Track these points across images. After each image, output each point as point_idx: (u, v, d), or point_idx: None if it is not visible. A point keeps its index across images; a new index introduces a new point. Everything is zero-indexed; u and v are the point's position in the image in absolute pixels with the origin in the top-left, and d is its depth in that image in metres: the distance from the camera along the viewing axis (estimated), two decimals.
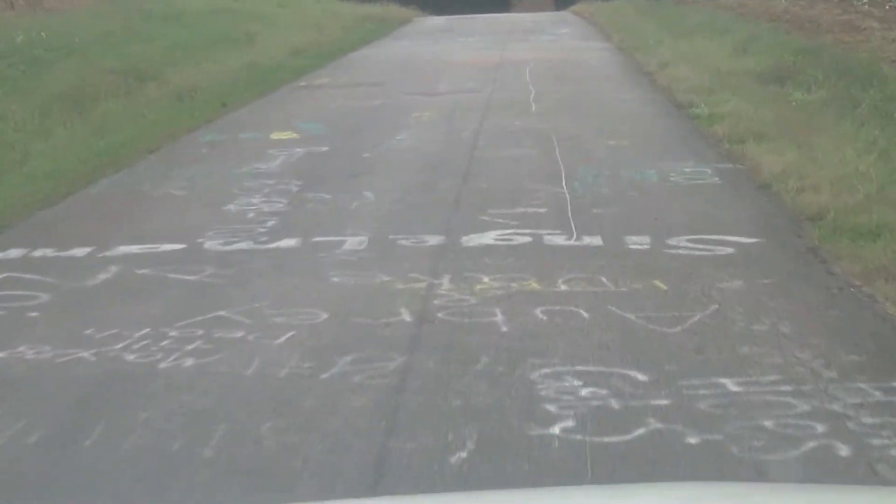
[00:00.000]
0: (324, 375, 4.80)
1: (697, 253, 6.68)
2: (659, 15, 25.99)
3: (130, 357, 5.10)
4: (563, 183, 8.66)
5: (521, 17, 29.85)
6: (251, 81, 16.46)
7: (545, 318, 5.49)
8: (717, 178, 8.79)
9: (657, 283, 6.05)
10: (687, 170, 9.08)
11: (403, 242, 7.01)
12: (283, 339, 5.27)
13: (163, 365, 4.99)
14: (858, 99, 11.58)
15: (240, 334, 5.35)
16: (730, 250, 6.71)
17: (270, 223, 7.62)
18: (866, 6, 22.47)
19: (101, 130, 11.87)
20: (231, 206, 8.16)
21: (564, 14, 31.31)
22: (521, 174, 9.03)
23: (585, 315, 5.52)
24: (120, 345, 5.25)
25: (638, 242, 6.89)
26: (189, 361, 5.02)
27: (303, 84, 15.95)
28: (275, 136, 11.31)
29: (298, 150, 10.43)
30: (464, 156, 9.84)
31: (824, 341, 5.08)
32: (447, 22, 29.21)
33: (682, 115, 11.97)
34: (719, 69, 14.86)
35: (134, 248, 7.01)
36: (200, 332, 5.39)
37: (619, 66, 16.96)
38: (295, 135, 11.34)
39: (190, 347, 5.19)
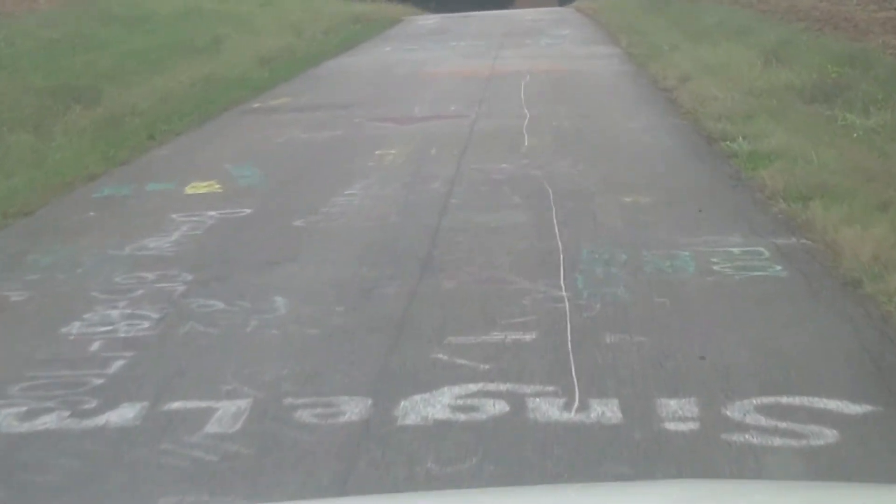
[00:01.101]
0: None
1: (778, 443, 4.00)
2: (669, 13, 23.22)
3: None
4: (562, 276, 5.97)
5: (520, 16, 27.07)
6: (200, 101, 13.78)
7: None
8: (779, 267, 6.08)
9: None
10: (735, 250, 6.38)
11: (304, 416, 4.33)
12: None
13: None
14: None
15: None
16: (830, 437, 4.03)
17: (115, 366, 4.94)
18: None
19: None
20: (73, 328, 5.47)
21: (566, 12, 28.53)
22: (502, 260, 6.34)
23: None
24: None
25: (679, 416, 4.20)
26: None
27: (256, 105, 13.26)
28: (191, 188, 8.63)
29: (212, 213, 7.74)
30: (428, 226, 7.14)
31: None
32: (439, 22, 26.45)
33: (715, 154, 9.25)
34: (752, 85, 12.14)
35: None
36: None
37: (629, 79, 14.23)
38: (217, 186, 8.65)
39: None
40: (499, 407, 4.34)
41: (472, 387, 4.53)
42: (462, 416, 4.27)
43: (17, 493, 3.89)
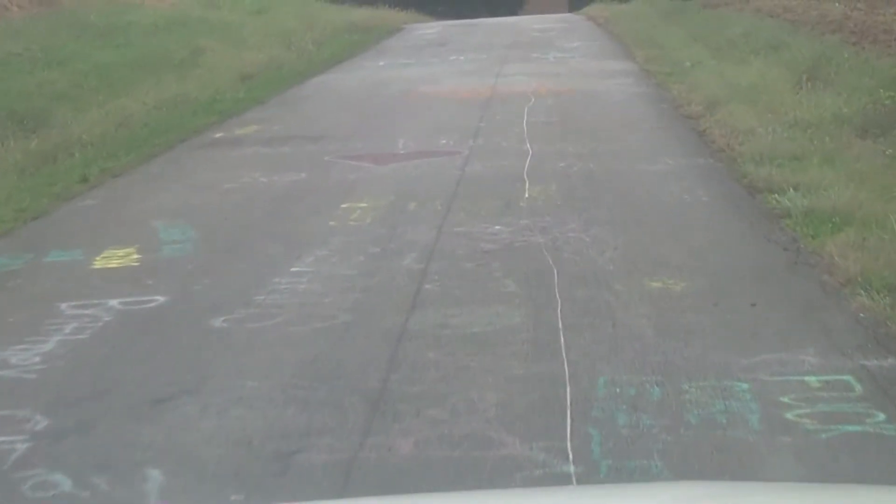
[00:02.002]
0: None
1: None
2: (687, 23, 21.28)
3: None
4: (568, 432, 4.08)
5: (528, 25, 25.07)
6: (157, 129, 11.92)
7: None
8: (881, 416, 4.17)
9: None
10: (812, 380, 4.48)
11: None
12: None
13: None
14: None
15: None
16: None
17: None
18: None
19: None
20: None
21: (577, 20, 26.54)
22: (485, 400, 4.42)
23: None
24: None
25: None
26: None
27: (218, 136, 11.36)
28: (102, 260, 6.74)
29: (114, 303, 5.84)
30: (389, 332, 5.23)
31: None
32: (441, 32, 24.49)
33: (760, 211, 7.32)
34: (793, 114, 10.21)
35: None
36: None
37: (648, 103, 12.28)
38: (136, 256, 6.76)
39: None
40: None
41: None
42: None
43: None
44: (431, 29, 25.58)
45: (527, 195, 7.92)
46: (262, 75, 17.31)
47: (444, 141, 10.23)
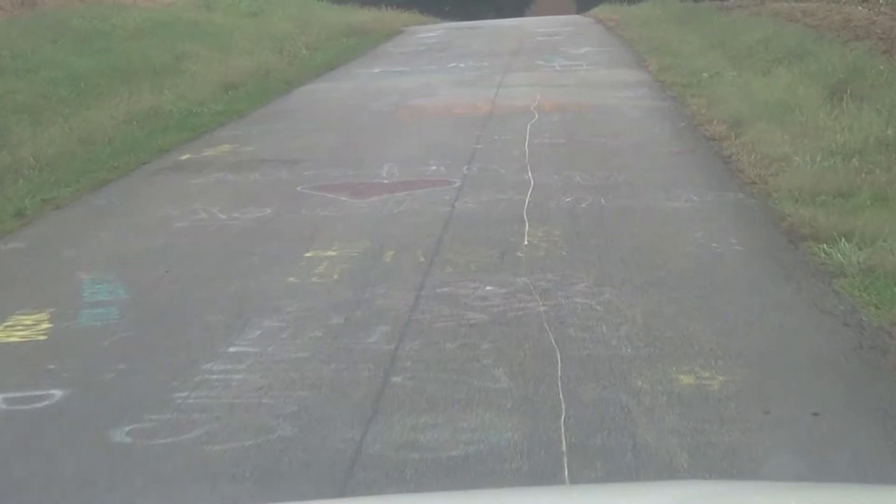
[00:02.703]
0: None
1: None
2: (703, 26, 19.95)
3: None
4: None
5: (534, 28, 23.68)
6: (119, 149, 10.63)
7: None
8: None
9: None
10: None
11: None
12: None
13: None
14: None
15: None
16: None
17: None
18: None
19: None
20: None
21: (585, 23, 25.17)
22: None
23: None
24: None
25: None
26: None
27: (184, 158, 10.05)
28: (5, 330, 5.45)
29: None
30: (337, 459, 3.92)
31: None
32: (442, 36, 23.14)
33: (806, 266, 5.97)
34: (831, 137, 8.89)
35: None
36: None
37: (664, 120, 10.94)
38: (46, 326, 5.47)
39: None
40: None
41: None
42: None
43: None
44: (432, 32, 24.25)
45: (526, 242, 6.60)
46: (247, 84, 16.01)
47: (434, 167, 8.93)
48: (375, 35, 23.98)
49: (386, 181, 8.51)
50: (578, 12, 35.40)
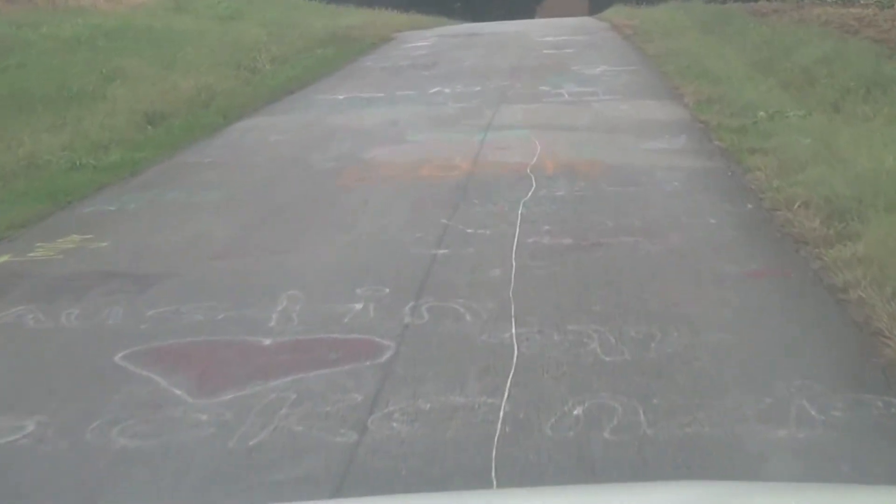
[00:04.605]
0: None
1: None
2: (738, 37, 16.26)
3: None
4: None
5: (540, 36, 19.92)
6: None
7: None
8: None
9: None
10: None
11: None
12: None
13: None
14: None
15: None
16: None
17: None
18: None
19: None
20: None
21: (598, 29, 21.40)
22: None
23: None
24: None
25: None
26: None
27: (2, 260, 6.47)
28: None
29: None
30: None
31: None
32: (434, 45, 19.42)
33: None
34: None
35: None
36: None
37: (723, 199, 7.15)
38: None
39: None
40: None
41: None
42: None
43: None
44: (423, 41, 20.54)
45: None
46: (177, 114, 12.46)
47: (359, 304, 5.28)
48: (359, 44, 20.36)
49: (268, 342, 4.87)
50: (591, 13, 31.73)
